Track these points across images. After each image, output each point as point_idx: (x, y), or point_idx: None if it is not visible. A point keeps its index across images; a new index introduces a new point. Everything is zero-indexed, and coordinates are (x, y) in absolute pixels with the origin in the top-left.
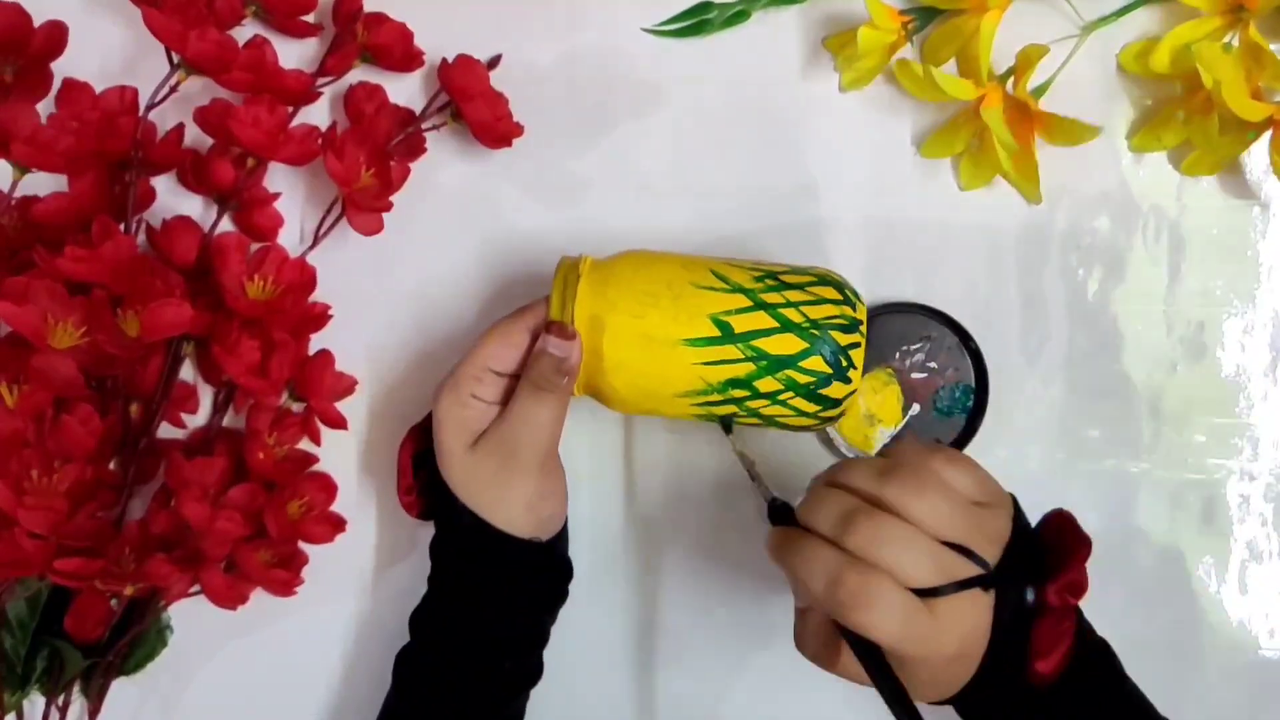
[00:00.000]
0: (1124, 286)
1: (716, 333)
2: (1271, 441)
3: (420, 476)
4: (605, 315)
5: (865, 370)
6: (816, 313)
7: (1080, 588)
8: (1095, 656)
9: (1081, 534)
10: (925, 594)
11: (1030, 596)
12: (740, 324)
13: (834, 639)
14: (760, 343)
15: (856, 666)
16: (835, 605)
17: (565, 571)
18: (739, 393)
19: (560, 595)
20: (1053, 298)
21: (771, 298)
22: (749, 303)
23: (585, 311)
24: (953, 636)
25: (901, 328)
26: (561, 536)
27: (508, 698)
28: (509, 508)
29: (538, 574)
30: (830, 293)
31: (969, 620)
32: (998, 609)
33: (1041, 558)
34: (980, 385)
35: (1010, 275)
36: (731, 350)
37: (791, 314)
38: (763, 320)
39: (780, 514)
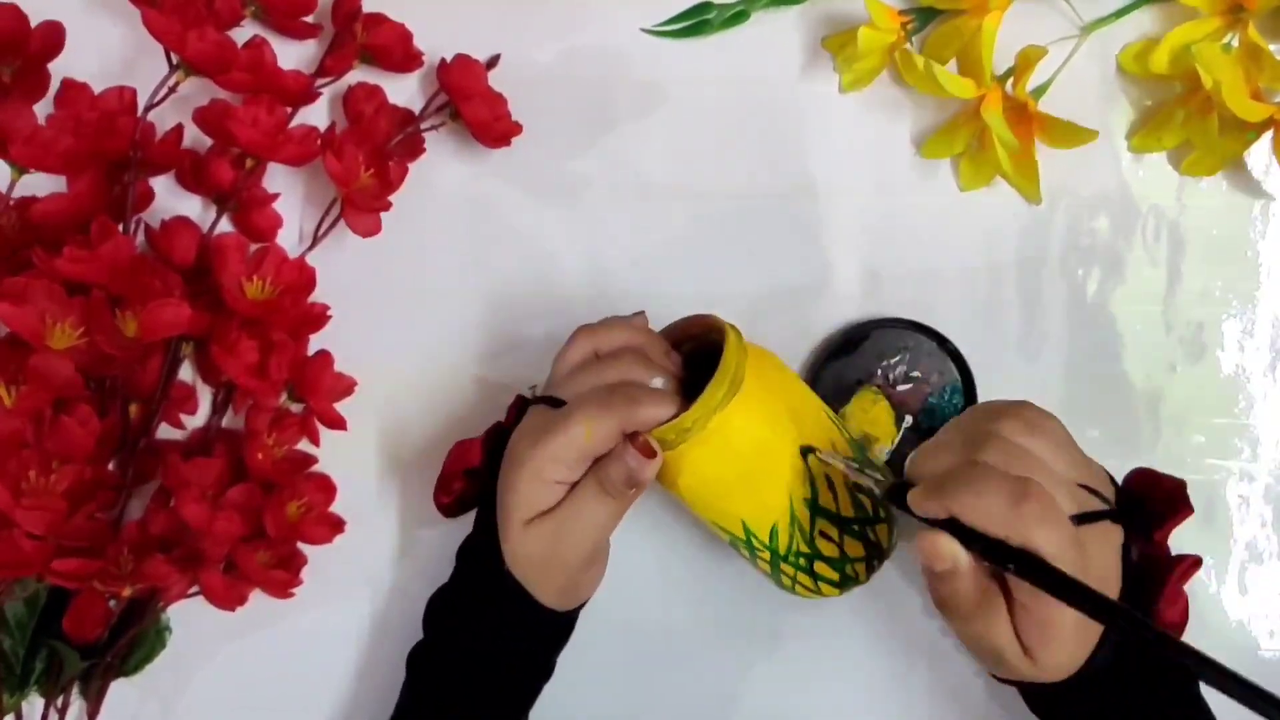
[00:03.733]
0: (1123, 287)
1: (800, 511)
2: (1271, 442)
3: (467, 485)
4: (731, 444)
5: (850, 394)
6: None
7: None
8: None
9: (1178, 489)
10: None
11: (1136, 548)
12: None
13: (990, 592)
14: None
15: (1001, 625)
16: (1018, 523)
17: (573, 624)
18: (763, 556)
19: (565, 641)
20: (1052, 298)
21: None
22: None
23: (722, 430)
24: (1096, 568)
25: (877, 344)
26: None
27: (517, 709)
28: (546, 588)
29: (552, 631)
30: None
31: (1107, 553)
32: (1126, 547)
33: (1143, 510)
34: (967, 384)
35: (1010, 276)
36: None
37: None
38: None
39: (902, 492)
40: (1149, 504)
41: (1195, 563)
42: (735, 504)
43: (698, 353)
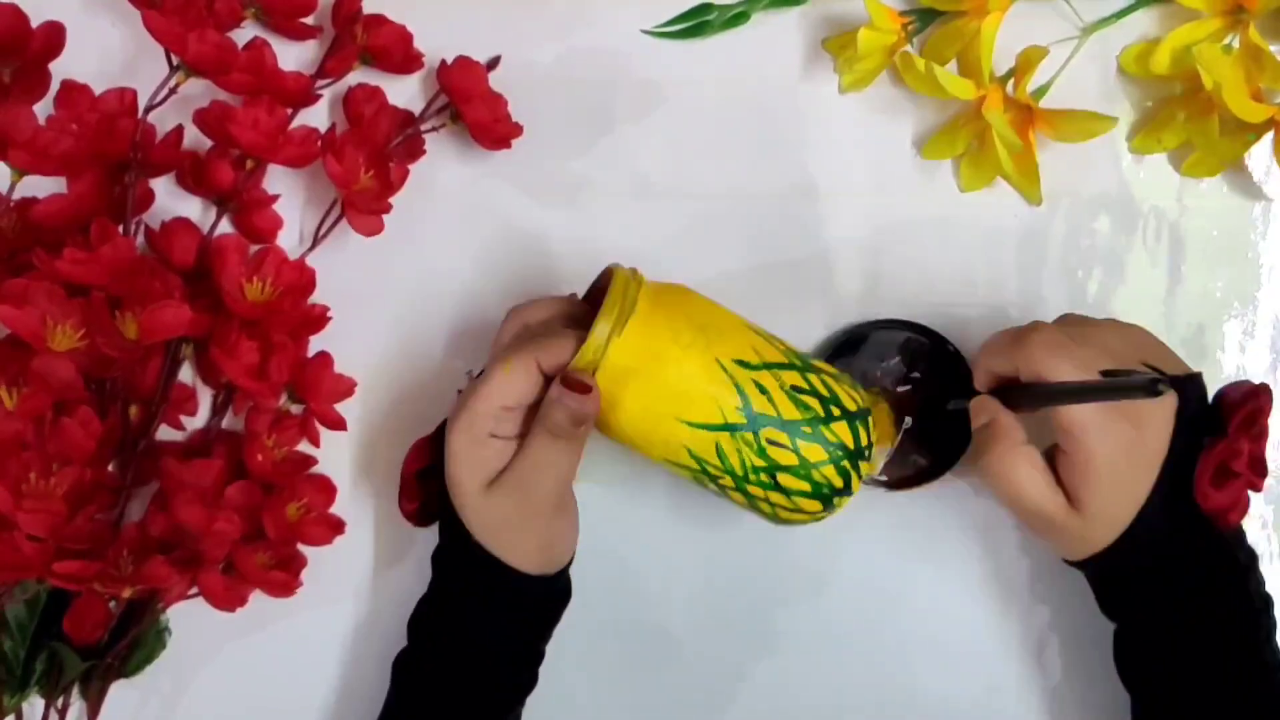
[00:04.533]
0: (1124, 288)
1: (736, 420)
2: (1271, 443)
3: (426, 488)
4: (638, 376)
5: None
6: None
7: (1261, 432)
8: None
9: (1260, 388)
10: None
11: (1209, 439)
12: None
13: (1030, 452)
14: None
15: (1045, 484)
16: (1021, 354)
17: (565, 595)
18: (726, 480)
19: (558, 617)
20: (1053, 299)
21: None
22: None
23: (625, 358)
24: (1137, 414)
25: (877, 344)
26: (567, 563)
27: (505, 707)
28: (523, 549)
29: (541, 603)
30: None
31: (1150, 404)
32: (1180, 413)
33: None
34: (967, 384)
35: (1010, 276)
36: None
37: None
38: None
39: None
40: (1228, 397)
41: (1251, 472)
42: (671, 430)
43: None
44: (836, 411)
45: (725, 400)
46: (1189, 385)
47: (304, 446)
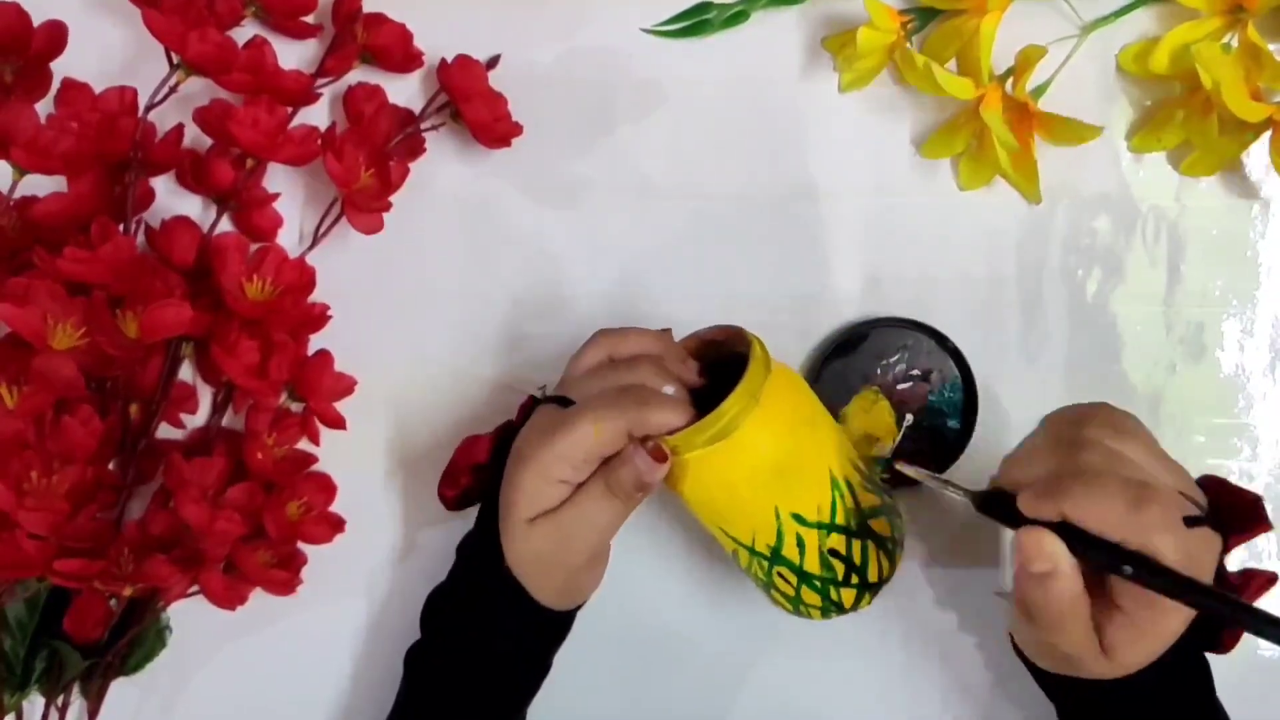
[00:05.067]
0: (1123, 287)
1: (762, 551)
2: (1271, 442)
3: (473, 479)
4: (729, 470)
5: (850, 394)
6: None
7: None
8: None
9: (1257, 503)
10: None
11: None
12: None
13: (1083, 599)
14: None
15: (1085, 629)
16: (1138, 527)
17: (571, 623)
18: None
19: (563, 639)
20: (1052, 298)
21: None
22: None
23: (740, 438)
24: (1200, 575)
25: (877, 344)
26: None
27: (513, 708)
28: (546, 587)
29: (551, 631)
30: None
31: (1208, 560)
32: (1221, 555)
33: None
34: (967, 384)
35: (1010, 276)
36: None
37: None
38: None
39: (994, 500)
40: (1227, 514)
41: (1270, 579)
42: (768, 502)
43: (718, 364)
44: (855, 580)
45: (761, 533)
46: (1213, 511)
47: (304, 445)
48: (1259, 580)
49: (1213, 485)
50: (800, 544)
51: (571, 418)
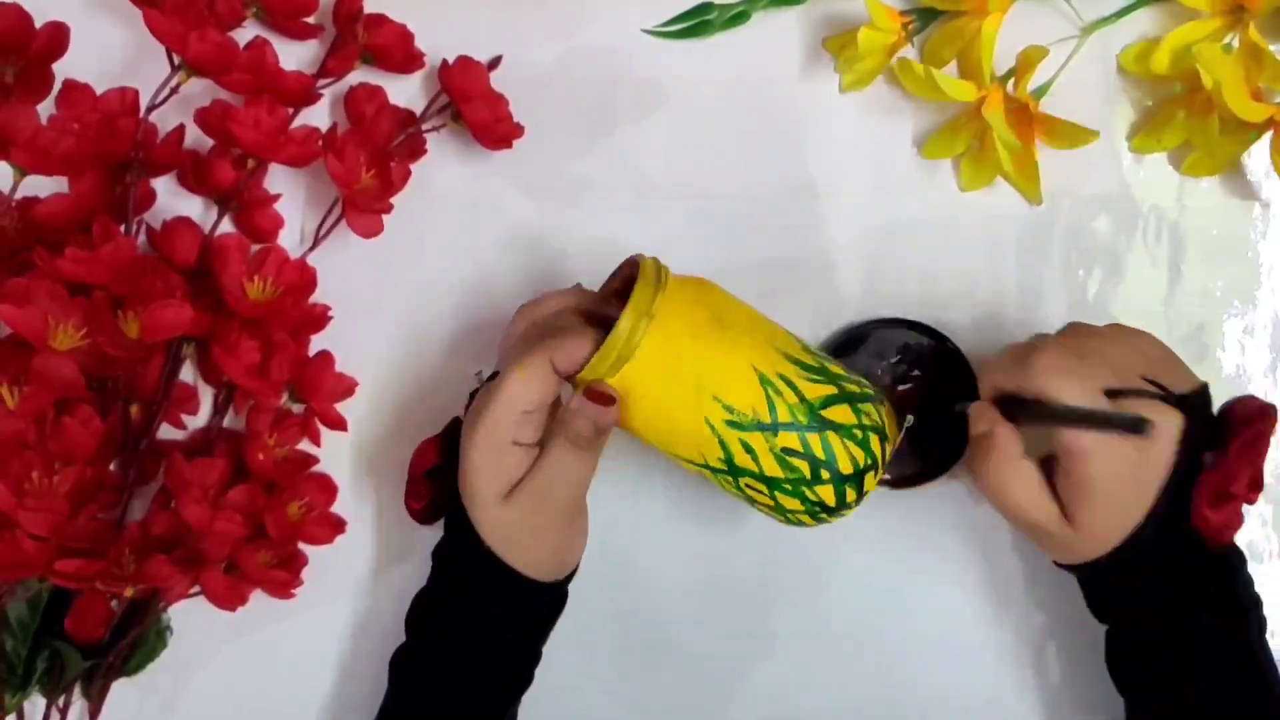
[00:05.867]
0: (1124, 287)
1: (717, 466)
2: (1271, 442)
3: (434, 487)
4: (664, 382)
5: None
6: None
7: (1259, 456)
8: (1250, 598)
9: (1267, 406)
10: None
11: (1211, 455)
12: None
13: (1026, 465)
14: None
15: (1040, 496)
16: (1025, 374)
17: (564, 598)
18: (730, 478)
19: (555, 620)
20: (1053, 298)
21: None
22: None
23: (646, 368)
24: (1120, 454)
25: (877, 344)
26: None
27: (501, 705)
28: (537, 557)
29: (546, 608)
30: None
31: (1162, 435)
32: (1184, 435)
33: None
34: (968, 384)
35: (1010, 276)
36: (759, 439)
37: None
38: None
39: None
40: (1232, 415)
41: (1245, 492)
42: (697, 418)
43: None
44: (825, 474)
45: (707, 449)
46: (1196, 401)
47: (305, 445)
48: (1248, 434)
49: (1237, 401)
50: (749, 450)
51: (498, 381)
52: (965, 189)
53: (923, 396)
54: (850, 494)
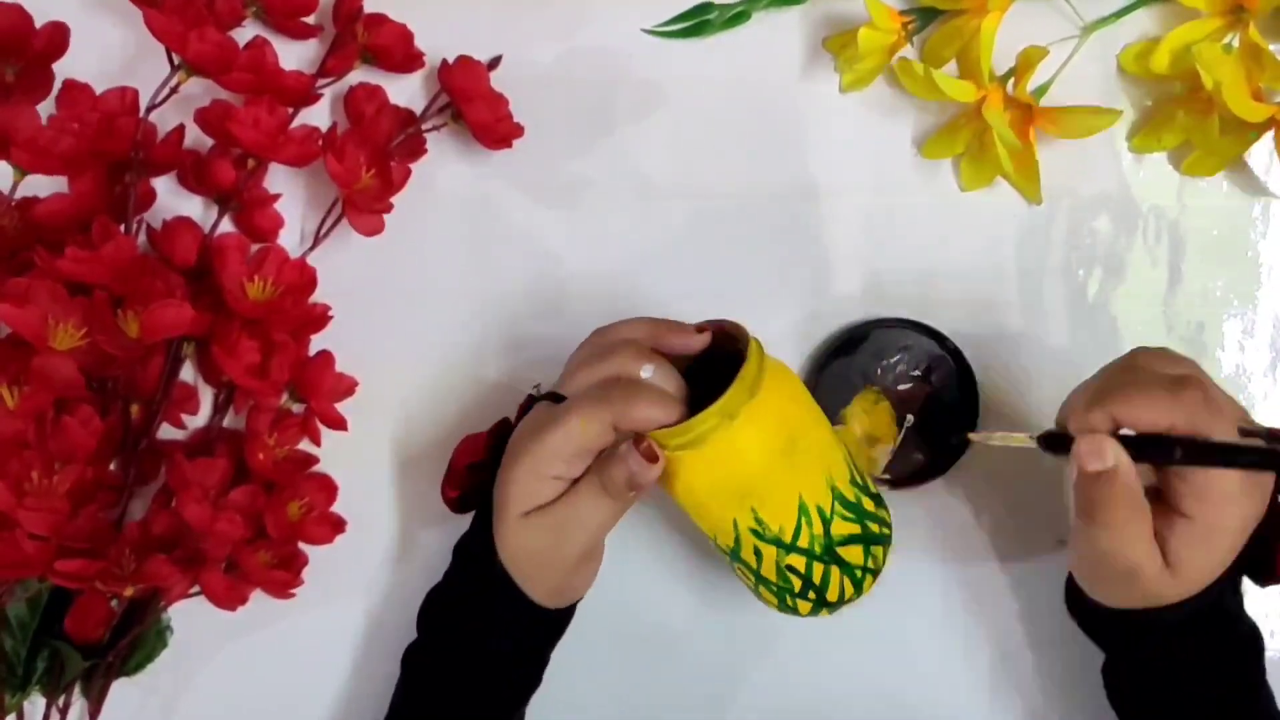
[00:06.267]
0: (1124, 287)
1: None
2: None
3: (472, 479)
4: (720, 473)
5: (850, 394)
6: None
7: None
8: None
9: None
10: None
11: None
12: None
13: (1142, 503)
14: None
15: (1146, 536)
16: (1181, 409)
17: (570, 616)
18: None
19: (563, 630)
20: (1052, 298)
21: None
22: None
23: (711, 453)
24: (1260, 481)
25: (877, 344)
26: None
27: (511, 706)
28: (540, 585)
29: (546, 628)
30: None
31: (1264, 483)
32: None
33: None
34: (968, 384)
35: (1010, 276)
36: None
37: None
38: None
39: (1056, 439)
40: None
41: None
42: (727, 513)
43: (714, 359)
44: (812, 595)
45: (720, 536)
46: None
47: (305, 445)
48: None
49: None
50: (758, 554)
51: (561, 414)
52: (965, 189)
53: (923, 396)
54: (824, 613)
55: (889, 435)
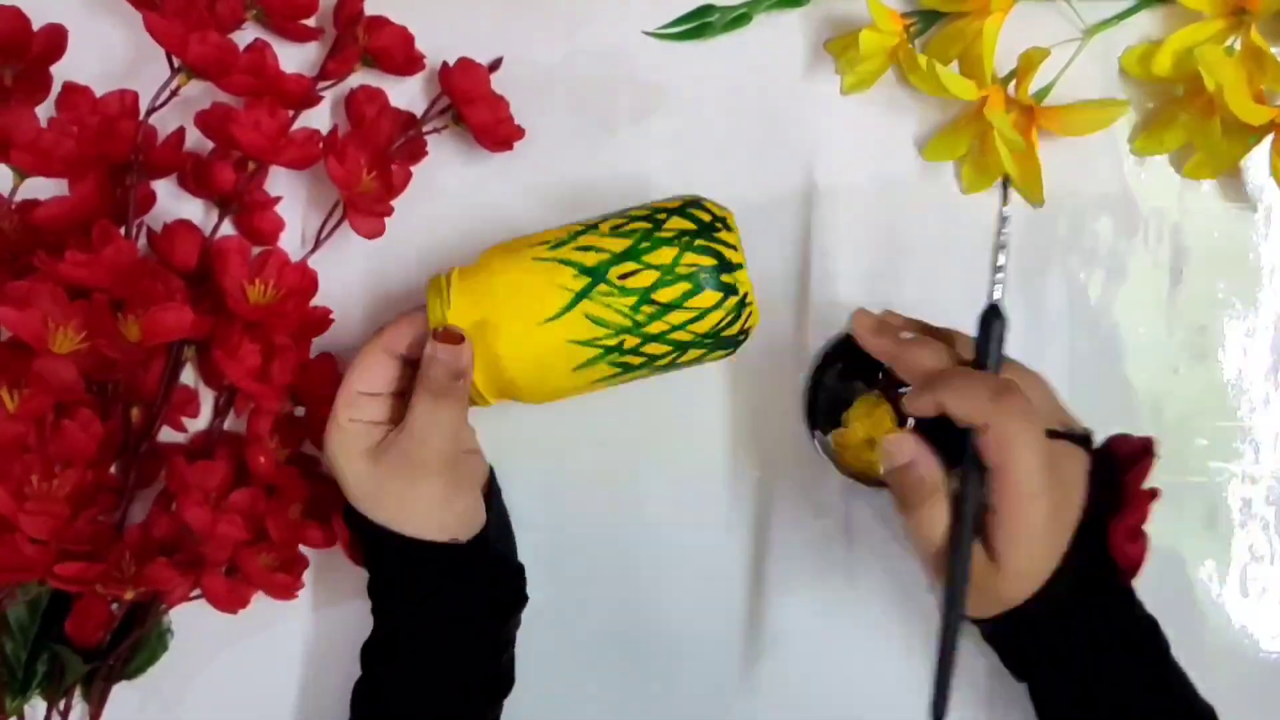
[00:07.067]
0: (1125, 289)
1: (582, 284)
2: (1273, 445)
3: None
4: (488, 316)
5: (851, 396)
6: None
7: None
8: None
9: (1145, 441)
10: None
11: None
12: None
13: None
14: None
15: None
16: (997, 412)
17: (507, 572)
18: (630, 339)
19: (509, 598)
20: (1054, 301)
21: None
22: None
23: (467, 319)
24: (1064, 475)
25: None
26: (494, 537)
27: (474, 711)
28: (416, 512)
29: (468, 576)
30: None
31: (1074, 468)
32: (1091, 474)
33: (1112, 457)
34: None
35: (1012, 278)
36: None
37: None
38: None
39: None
40: (1118, 453)
41: (1152, 494)
42: (544, 340)
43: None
44: (663, 217)
45: (561, 279)
46: (1089, 442)
47: (306, 448)
48: (1146, 485)
49: (1115, 439)
50: (584, 248)
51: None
52: (967, 191)
53: None
54: (702, 215)
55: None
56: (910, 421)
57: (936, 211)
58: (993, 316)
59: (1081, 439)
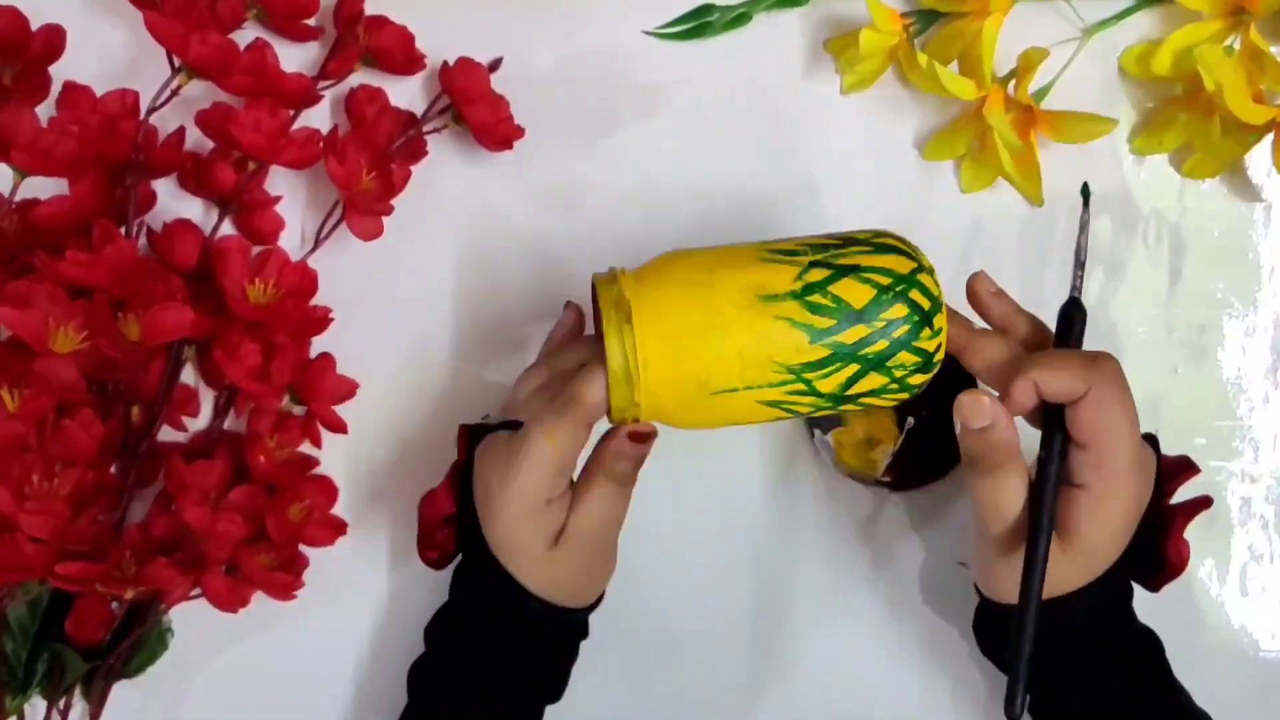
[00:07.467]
0: (1125, 289)
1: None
2: (1272, 444)
3: (448, 534)
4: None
5: None
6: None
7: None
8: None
9: (1184, 459)
10: None
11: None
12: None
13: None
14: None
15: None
16: (1097, 373)
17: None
18: (821, 409)
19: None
20: (1054, 300)
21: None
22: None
23: (654, 375)
24: (1145, 466)
25: None
26: None
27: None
28: (587, 593)
29: (576, 632)
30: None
31: (1150, 461)
32: (1158, 479)
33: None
34: (968, 383)
35: (1011, 278)
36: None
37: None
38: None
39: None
40: (1163, 465)
41: (1204, 501)
42: (747, 404)
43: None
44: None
45: (790, 343)
46: (1157, 445)
47: (306, 448)
48: (1194, 502)
49: (1153, 439)
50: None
51: (523, 444)
52: (966, 191)
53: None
54: (929, 333)
55: (889, 437)
56: (909, 420)
57: (935, 210)
58: (1073, 309)
59: (1150, 438)
